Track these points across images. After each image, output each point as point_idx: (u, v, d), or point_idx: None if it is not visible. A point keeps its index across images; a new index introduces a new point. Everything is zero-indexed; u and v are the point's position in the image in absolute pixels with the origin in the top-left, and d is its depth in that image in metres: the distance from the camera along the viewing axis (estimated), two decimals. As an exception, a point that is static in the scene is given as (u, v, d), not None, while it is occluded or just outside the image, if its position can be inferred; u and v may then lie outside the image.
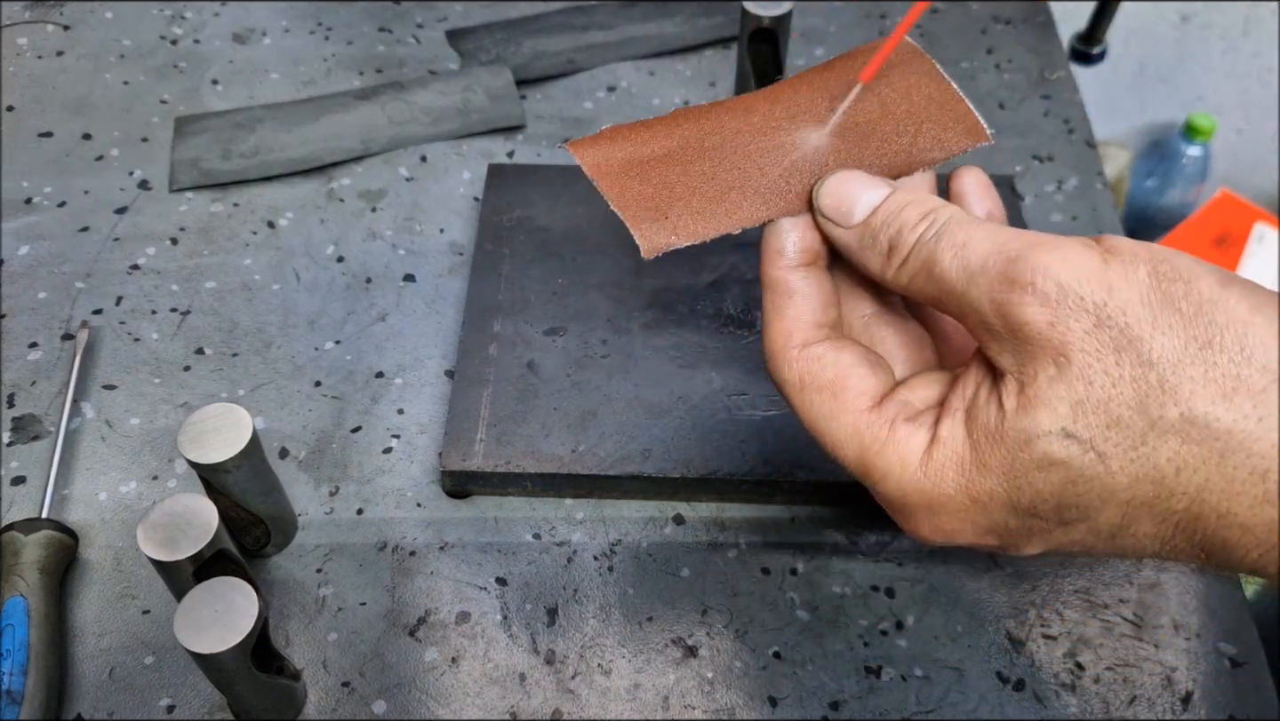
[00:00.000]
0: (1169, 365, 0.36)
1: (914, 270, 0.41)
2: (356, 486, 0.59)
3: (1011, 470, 0.38)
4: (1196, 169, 1.74)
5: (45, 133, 0.76)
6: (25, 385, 0.62)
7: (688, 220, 0.45)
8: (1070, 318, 0.36)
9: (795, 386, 0.43)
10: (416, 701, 0.52)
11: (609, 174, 0.46)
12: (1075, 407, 0.36)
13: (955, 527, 0.40)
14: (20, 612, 0.50)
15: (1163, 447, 0.36)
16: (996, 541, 0.41)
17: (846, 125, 0.47)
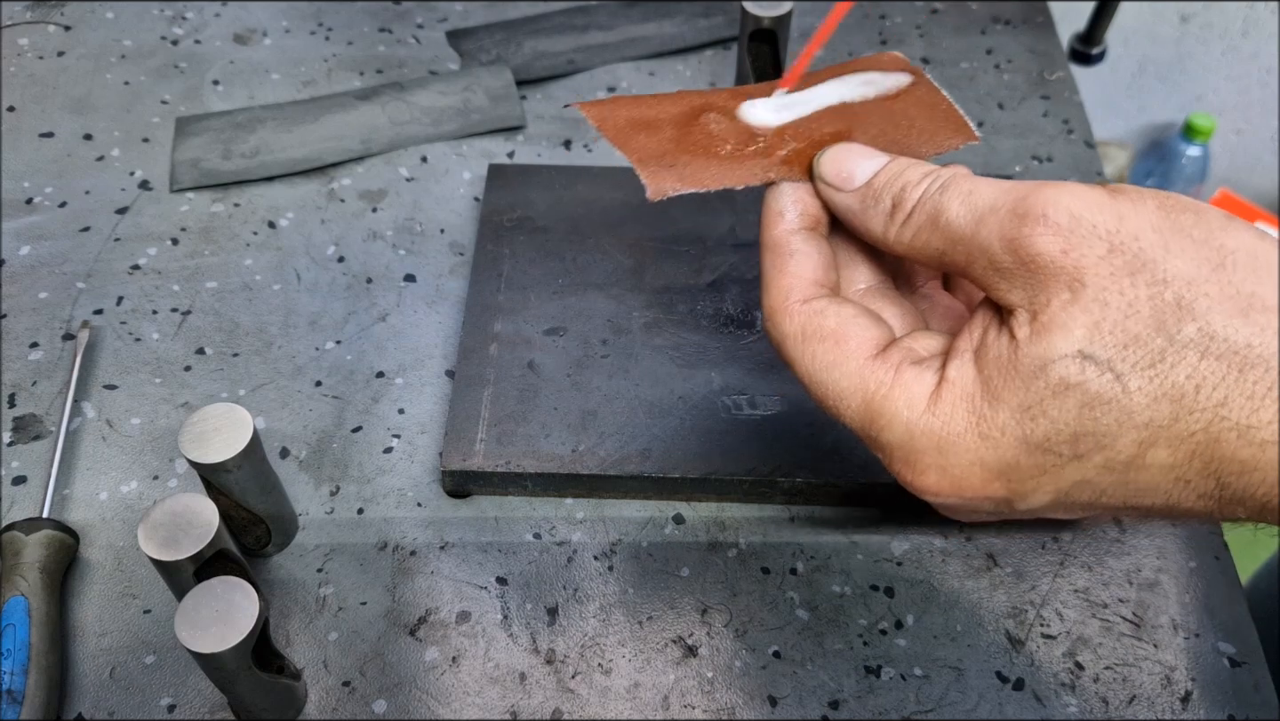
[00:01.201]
0: (1184, 283, 0.36)
1: (918, 224, 0.41)
2: (357, 486, 0.59)
3: (1025, 400, 0.37)
4: (1196, 169, 1.74)
5: (46, 133, 0.76)
6: (26, 385, 0.62)
7: (693, 170, 0.46)
8: (1083, 244, 0.36)
9: (796, 338, 0.43)
10: (417, 701, 0.52)
11: (618, 129, 0.47)
12: (1092, 329, 0.36)
13: (963, 473, 0.39)
14: (21, 612, 0.50)
15: (1181, 364, 0.35)
16: (1004, 490, 0.39)
17: (843, 111, 0.48)
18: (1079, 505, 0.40)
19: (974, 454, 0.39)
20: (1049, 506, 0.40)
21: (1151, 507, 0.38)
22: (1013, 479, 0.39)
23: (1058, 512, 0.41)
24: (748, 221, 0.67)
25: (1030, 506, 0.40)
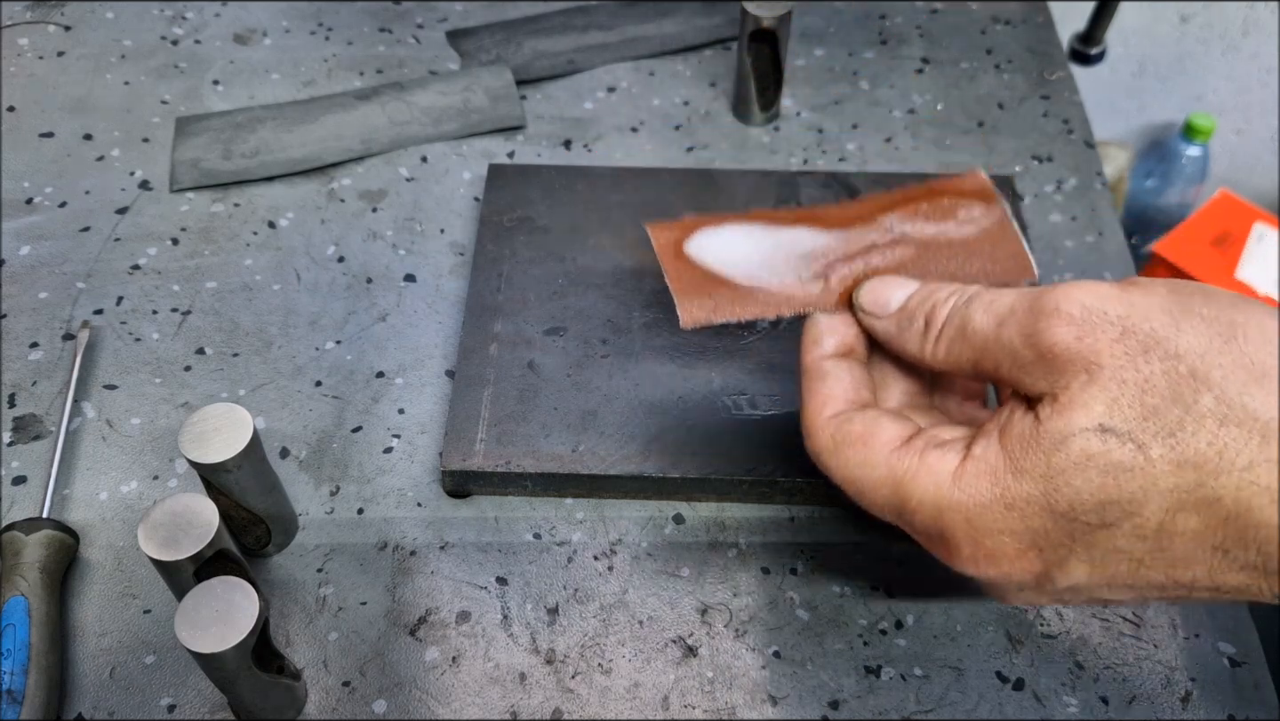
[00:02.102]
0: (1197, 356, 0.37)
1: (950, 337, 0.43)
2: (357, 486, 0.59)
3: (1048, 472, 0.38)
4: (1196, 169, 1.74)
5: (46, 133, 0.76)
6: (26, 385, 0.62)
7: (728, 303, 0.50)
8: (1096, 330, 0.38)
9: (829, 449, 0.45)
10: (417, 701, 0.52)
11: (672, 254, 0.52)
12: (1110, 405, 0.37)
13: (994, 545, 0.40)
14: (21, 612, 0.50)
15: (1201, 431, 0.36)
16: (1038, 561, 0.40)
17: (900, 241, 0.51)
18: (1122, 580, 0.40)
19: (1002, 523, 0.40)
20: (1091, 582, 0.41)
21: (1195, 582, 0.39)
22: (1044, 548, 0.40)
23: (1104, 592, 0.41)
24: (748, 221, 0.67)
25: (1072, 582, 0.41)
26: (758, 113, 0.77)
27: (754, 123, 0.78)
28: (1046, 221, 0.72)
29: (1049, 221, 0.72)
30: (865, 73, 0.82)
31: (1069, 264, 0.69)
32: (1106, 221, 0.72)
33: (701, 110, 0.79)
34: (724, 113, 0.79)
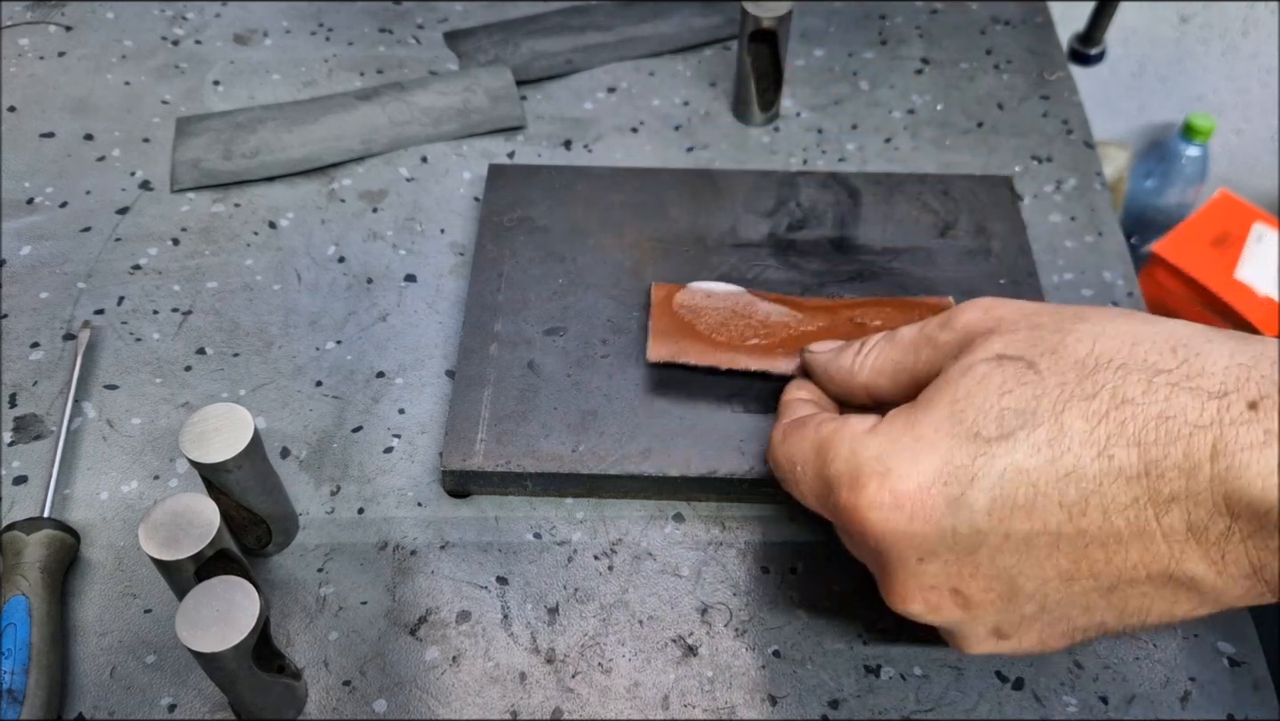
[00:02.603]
0: (1073, 310, 0.44)
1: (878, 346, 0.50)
2: (357, 486, 0.59)
3: (953, 397, 0.43)
4: (1195, 169, 1.74)
5: (47, 133, 0.76)
6: (27, 385, 0.62)
7: (693, 353, 0.59)
8: (998, 308, 0.46)
9: (779, 440, 0.50)
10: (417, 700, 0.52)
11: (663, 306, 0.61)
12: (1005, 343, 0.44)
13: (900, 480, 0.43)
14: (22, 611, 0.50)
15: (1079, 345, 0.42)
16: (941, 496, 0.42)
17: (858, 330, 0.60)
18: (1042, 554, 0.42)
19: (909, 454, 0.43)
20: (995, 531, 0.42)
21: (1122, 533, 0.40)
22: (950, 480, 0.42)
23: (1028, 576, 0.43)
24: (748, 221, 0.68)
25: (974, 523, 0.42)
26: (758, 113, 0.77)
27: (754, 123, 0.78)
28: (1046, 221, 0.72)
29: (1048, 221, 0.72)
30: (865, 73, 0.82)
31: (1068, 264, 0.69)
32: (1106, 221, 0.72)
33: (701, 110, 0.79)
34: (724, 113, 0.79)
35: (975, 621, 0.44)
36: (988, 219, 0.68)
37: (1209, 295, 1.57)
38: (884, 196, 0.69)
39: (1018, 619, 0.44)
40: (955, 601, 0.44)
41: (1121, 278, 0.68)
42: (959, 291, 0.64)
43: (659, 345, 0.59)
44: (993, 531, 0.41)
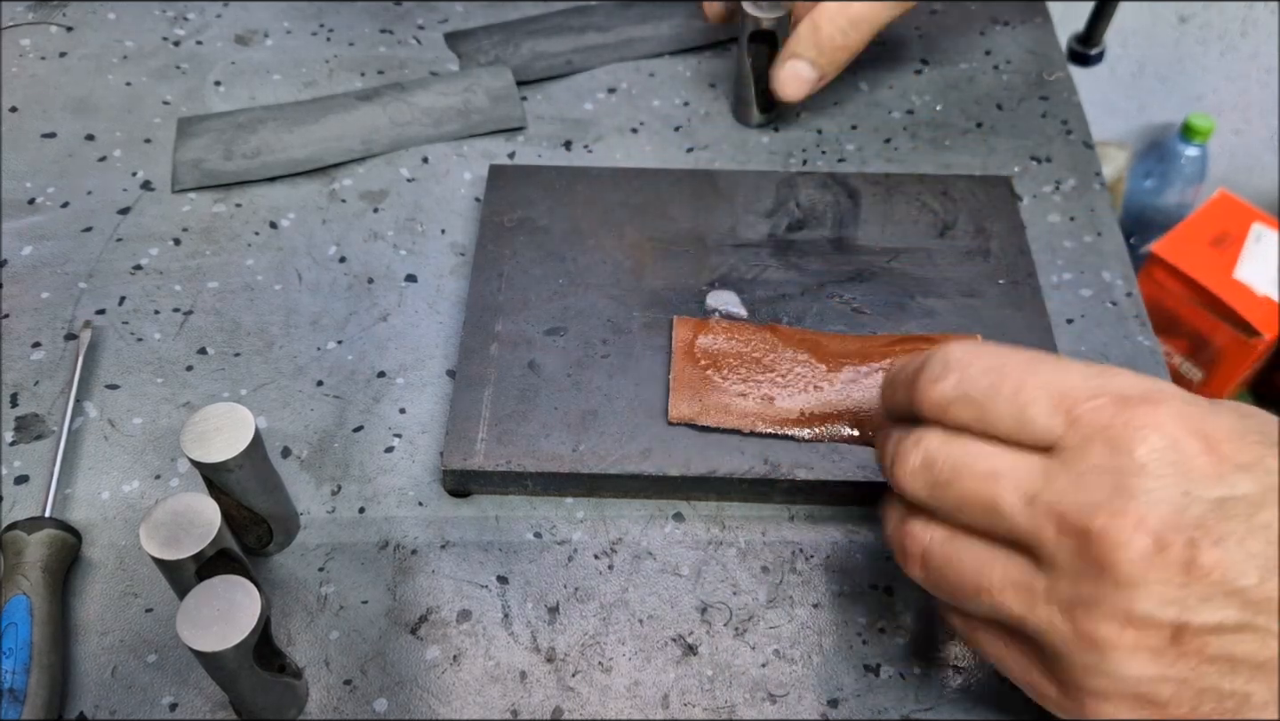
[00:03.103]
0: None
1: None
2: (358, 485, 0.59)
3: None
4: (1194, 169, 1.74)
5: (48, 133, 0.76)
6: (28, 385, 0.63)
7: (715, 412, 0.58)
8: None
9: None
10: (418, 699, 0.52)
11: (686, 352, 0.61)
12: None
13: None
14: (23, 611, 0.50)
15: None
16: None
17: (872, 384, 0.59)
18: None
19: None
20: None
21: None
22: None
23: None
24: (748, 221, 0.68)
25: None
26: (757, 114, 0.77)
27: (753, 123, 0.78)
28: (1045, 222, 0.72)
29: (1047, 222, 0.72)
30: (864, 73, 0.82)
31: (1068, 264, 0.69)
32: (1105, 222, 0.72)
33: (701, 111, 0.79)
34: (724, 114, 0.79)
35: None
36: (987, 219, 0.68)
37: (1208, 295, 1.57)
38: (883, 197, 0.69)
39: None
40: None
41: (1120, 278, 0.68)
42: (959, 291, 0.64)
43: (680, 404, 0.59)
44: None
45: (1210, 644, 0.38)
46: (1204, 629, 0.38)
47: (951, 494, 0.43)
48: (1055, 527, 0.40)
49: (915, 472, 0.44)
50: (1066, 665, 0.41)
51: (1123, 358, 0.64)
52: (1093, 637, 0.39)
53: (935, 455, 0.43)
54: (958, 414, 0.43)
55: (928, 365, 0.45)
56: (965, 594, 0.43)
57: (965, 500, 0.42)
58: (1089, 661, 0.40)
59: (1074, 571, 0.39)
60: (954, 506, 0.43)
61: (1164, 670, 0.39)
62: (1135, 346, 0.65)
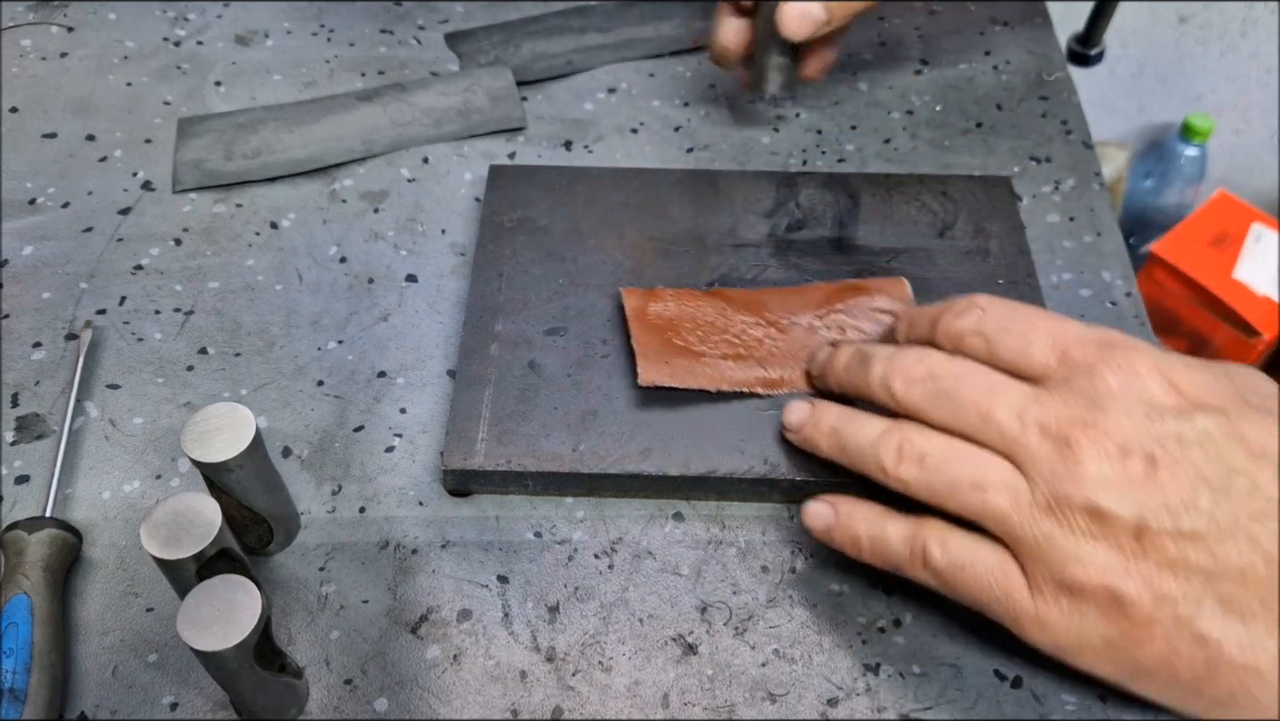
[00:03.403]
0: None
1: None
2: (359, 485, 0.59)
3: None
4: (1194, 169, 1.74)
5: (49, 133, 0.76)
6: (29, 385, 0.63)
7: (682, 372, 0.59)
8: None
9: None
10: (418, 699, 0.52)
11: (641, 320, 0.61)
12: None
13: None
14: (24, 611, 0.50)
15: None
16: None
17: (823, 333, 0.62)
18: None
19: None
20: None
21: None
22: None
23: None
24: (748, 221, 0.68)
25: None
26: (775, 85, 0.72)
27: (771, 96, 0.73)
28: (1044, 222, 0.72)
29: (1047, 221, 0.72)
30: (864, 73, 0.82)
31: (1067, 264, 0.69)
32: (1105, 222, 0.72)
33: (701, 111, 0.79)
34: (724, 114, 0.79)
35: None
36: (987, 219, 0.68)
37: (1207, 295, 1.57)
38: (883, 197, 0.69)
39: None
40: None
41: (1120, 278, 0.69)
42: (959, 291, 0.64)
43: (650, 367, 0.59)
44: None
45: (1168, 546, 0.43)
46: (1161, 531, 0.43)
47: (950, 403, 0.48)
48: (1038, 435, 0.46)
49: (919, 381, 0.50)
50: (1044, 564, 0.45)
51: (1122, 357, 0.64)
52: (1068, 530, 0.44)
53: (940, 369, 0.49)
54: (972, 344, 0.50)
55: (954, 305, 0.52)
56: (960, 490, 0.47)
57: (963, 408, 0.48)
58: (1065, 552, 0.44)
59: (1052, 474, 0.45)
60: (950, 414, 0.48)
61: (1127, 562, 0.43)
62: (1135, 346, 0.65)
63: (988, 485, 0.47)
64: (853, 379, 0.54)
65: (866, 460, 0.50)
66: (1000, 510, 0.46)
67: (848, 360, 0.55)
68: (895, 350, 0.52)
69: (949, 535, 0.48)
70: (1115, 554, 0.43)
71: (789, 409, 0.56)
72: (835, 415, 0.53)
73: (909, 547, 0.49)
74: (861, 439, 0.51)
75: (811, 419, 0.54)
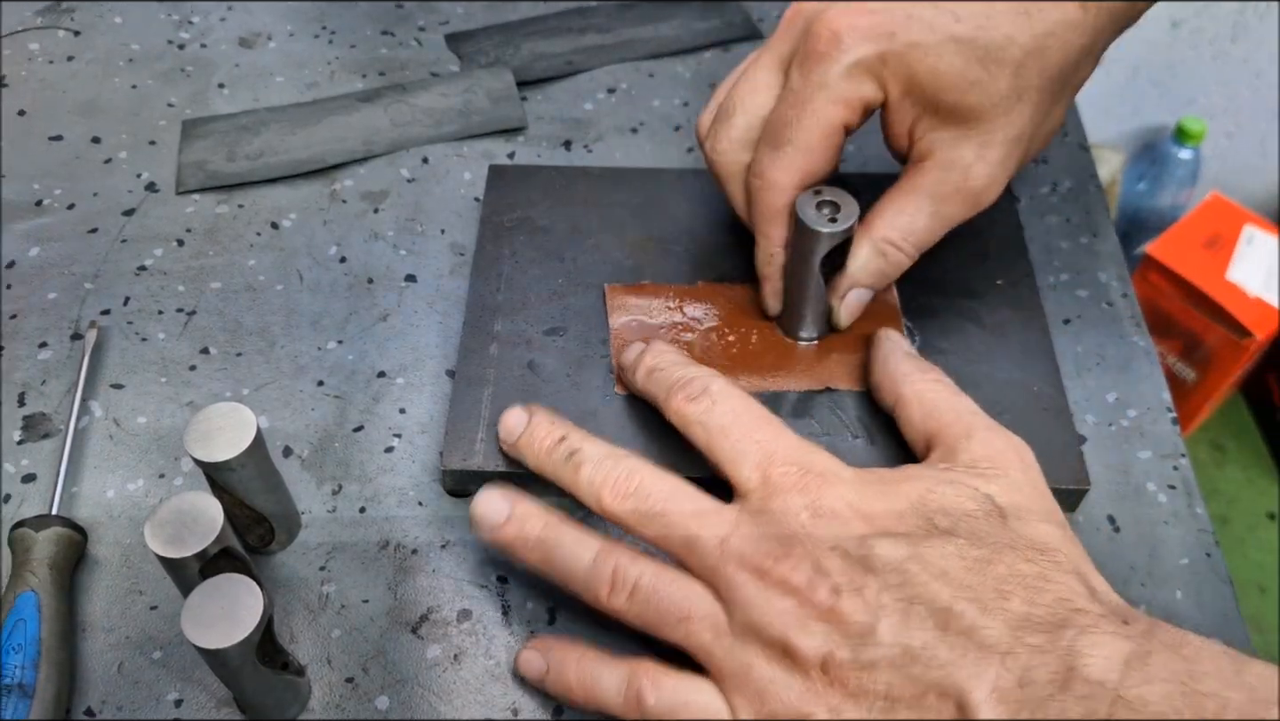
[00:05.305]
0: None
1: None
2: (359, 485, 0.60)
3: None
4: (1187, 172, 1.75)
5: (55, 136, 0.76)
6: (35, 384, 0.63)
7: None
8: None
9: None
10: (419, 698, 0.52)
11: (621, 313, 0.63)
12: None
13: None
14: (31, 607, 0.51)
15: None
16: None
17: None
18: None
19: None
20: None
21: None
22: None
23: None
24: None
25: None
26: (815, 329, 0.62)
27: (805, 338, 0.63)
28: (1042, 223, 0.72)
29: (1044, 223, 0.72)
30: (862, 77, 0.82)
31: (1064, 265, 0.70)
32: (1101, 223, 0.73)
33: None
34: (722, 116, 0.79)
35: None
36: (984, 220, 0.68)
37: (1201, 296, 1.58)
38: (880, 199, 0.70)
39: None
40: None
41: (1116, 279, 0.69)
42: (957, 291, 0.65)
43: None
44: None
45: (850, 677, 0.43)
46: (844, 662, 0.43)
47: (658, 525, 0.48)
48: (736, 564, 0.46)
49: (629, 497, 0.49)
50: (744, 696, 0.45)
51: (1118, 358, 0.65)
52: (764, 661, 0.45)
53: (651, 488, 0.49)
54: (694, 432, 0.51)
55: (691, 383, 0.52)
56: (667, 623, 0.47)
57: (671, 530, 0.48)
58: (763, 682, 0.45)
59: (747, 605, 0.45)
60: (658, 534, 0.48)
61: (818, 693, 0.44)
62: (1130, 347, 0.66)
63: (692, 618, 0.47)
64: (557, 475, 0.52)
65: (579, 585, 0.50)
66: (703, 644, 0.46)
67: (548, 447, 0.53)
68: (601, 454, 0.51)
69: (663, 676, 0.47)
70: (806, 684, 0.44)
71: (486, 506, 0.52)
72: (542, 525, 0.51)
73: (622, 694, 0.48)
74: (574, 565, 0.50)
75: (516, 517, 0.51)
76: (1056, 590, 0.43)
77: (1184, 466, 0.61)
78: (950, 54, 0.51)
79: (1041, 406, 0.59)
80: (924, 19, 0.51)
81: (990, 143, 0.54)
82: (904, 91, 0.54)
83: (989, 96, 0.52)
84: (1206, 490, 1.53)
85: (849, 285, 0.59)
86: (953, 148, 0.54)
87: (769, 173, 0.56)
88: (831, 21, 0.52)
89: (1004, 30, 0.50)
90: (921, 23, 0.51)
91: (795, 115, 0.54)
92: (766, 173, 0.56)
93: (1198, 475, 0.61)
